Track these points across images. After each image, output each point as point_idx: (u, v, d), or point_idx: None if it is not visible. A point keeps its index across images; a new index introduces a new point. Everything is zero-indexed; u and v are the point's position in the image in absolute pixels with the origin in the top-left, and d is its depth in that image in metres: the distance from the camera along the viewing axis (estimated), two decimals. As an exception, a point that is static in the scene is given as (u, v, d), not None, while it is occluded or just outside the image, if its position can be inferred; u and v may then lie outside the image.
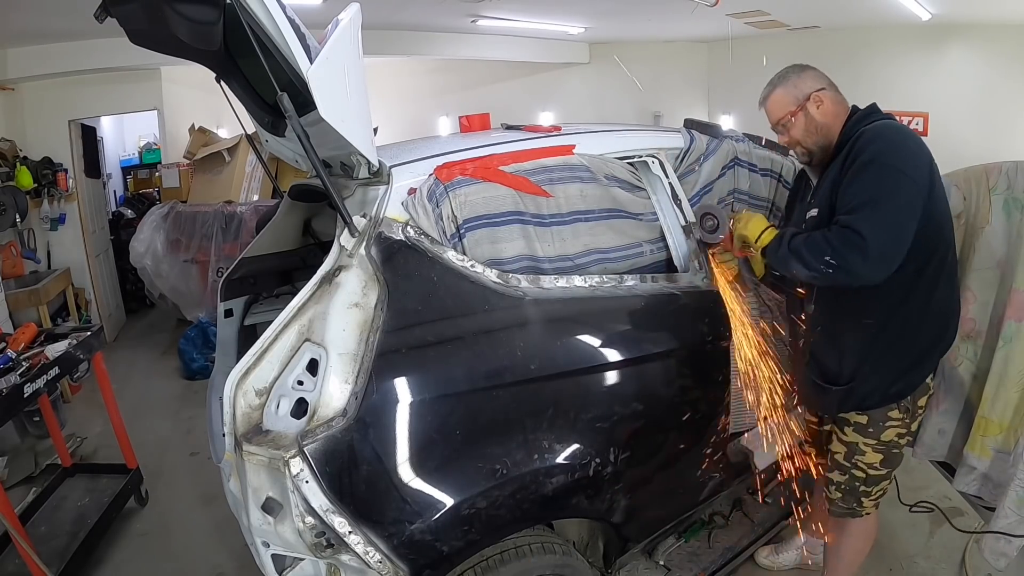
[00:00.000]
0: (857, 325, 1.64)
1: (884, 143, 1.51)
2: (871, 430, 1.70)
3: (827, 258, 1.47)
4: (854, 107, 1.70)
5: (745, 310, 1.90)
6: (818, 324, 1.73)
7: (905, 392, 1.67)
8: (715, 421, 1.92)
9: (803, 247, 1.52)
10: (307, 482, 1.27)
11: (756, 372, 1.88)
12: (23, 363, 2.29)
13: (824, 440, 1.89)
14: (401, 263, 1.45)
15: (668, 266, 1.92)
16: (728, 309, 1.87)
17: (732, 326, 1.87)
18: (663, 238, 1.92)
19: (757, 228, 1.69)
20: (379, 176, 1.57)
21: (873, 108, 1.66)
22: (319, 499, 1.28)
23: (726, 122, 6.34)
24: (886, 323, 1.61)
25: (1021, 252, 1.75)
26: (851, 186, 1.51)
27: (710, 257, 1.90)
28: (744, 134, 2.28)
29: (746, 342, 1.88)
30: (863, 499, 1.78)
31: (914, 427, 1.74)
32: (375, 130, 1.74)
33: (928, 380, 1.70)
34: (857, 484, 1.76)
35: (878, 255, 1.43)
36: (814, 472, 1.96)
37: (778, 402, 1.92)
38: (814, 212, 1.63)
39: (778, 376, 1.91)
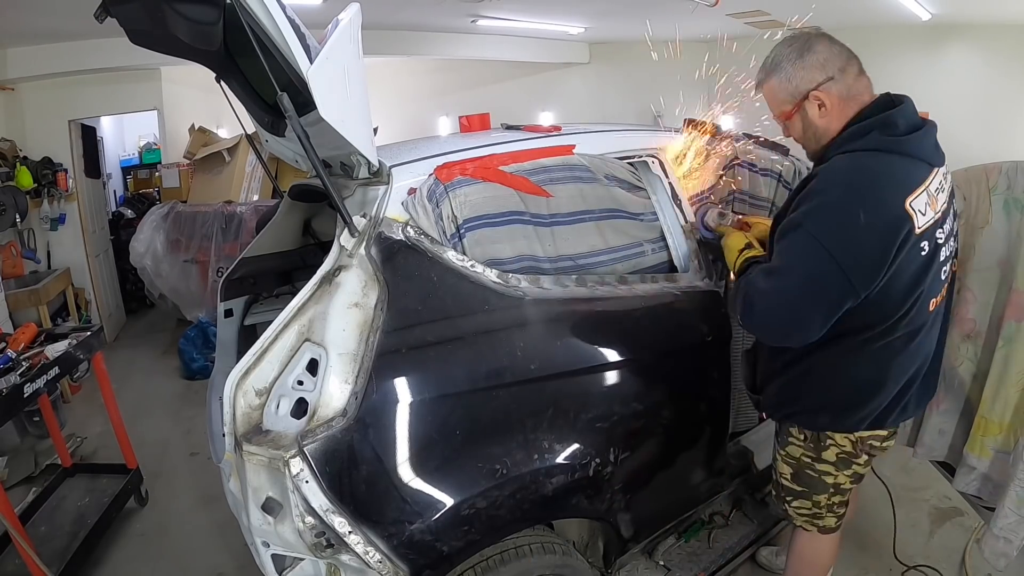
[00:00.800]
0: (773, 351, 1.58)
1: (827, 204, 1.28)
2: (779, 439, 1.67)
3: (736, 314, 1.45)
4: (879, 100, 1.39)
5: None
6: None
7: (800, 420, 1.57)
8: (715, 421, 1.92)
9: (735, 293, 1.47)
10: (307, 482, 1.27)
11: None
12: (23, 363, 2.29)
13: None
14: (401, 263, 1.45)
15: (668, 266, 1.92)
16: None
17: None
18: (663, 238, 1.92)
19: (736, 246, 1.59)
20: (379, 176, 1.57)
21: (876, 124, 1.33)
22: (319, 499, 1.28)
23: (726, 122, 6.33)
24: (795, 364, 1.51)
25: (1021, 252, 1.75)
26: (779, 240, 1.35)
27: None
28: (744, 134, 2.28)
29: None
30: (786, 506, 1.70)
31: (827, 456, 1.56)
32: (375, 130, 1.74)
33: (858, 433, 1.52)
34: (779, 489, 1.72)
35: (769, 334, 1.42)
36: None
37: None
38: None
39: None
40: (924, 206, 1.30)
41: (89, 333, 2.63)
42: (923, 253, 1.33)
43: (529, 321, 1.57)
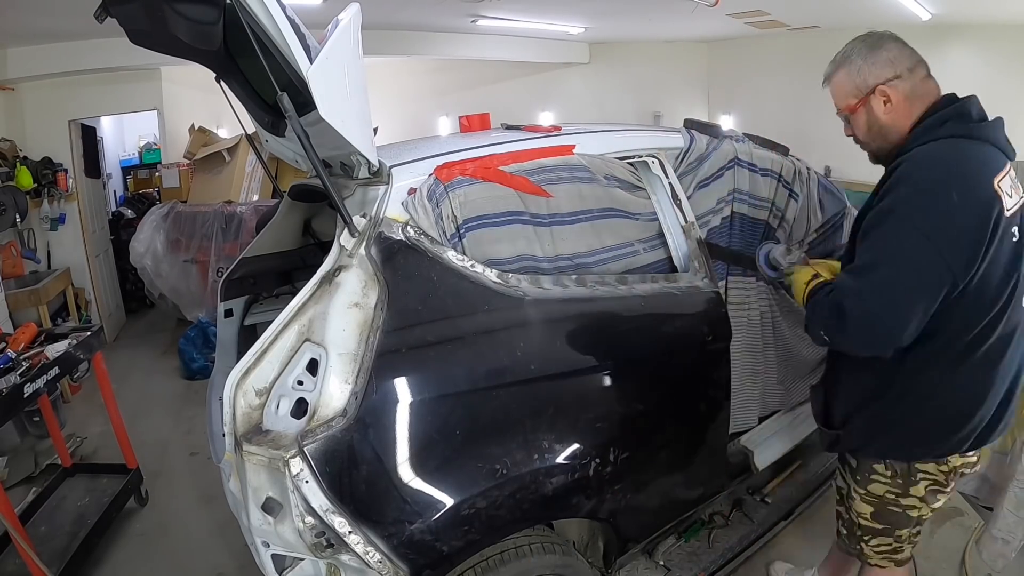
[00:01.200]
0: (856, 379, 1.47)
1: (913, 192, 1.23)
2: (858, 477, 1.53)
3: (821, 332, 1.35)
4: (946, 98, 1.37)
5: None
6: (826, 362, 1.64)
7: (893, 454, 1.46)
8: (715, 421, 1.92)
9: (812, 313, 1.39)
10: (307, 482, 1.27)
11: None
12: (23, 363, 2.29)
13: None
14: (401, 263, 1.45)
15: (668, 266, 1.92)
16: None
17: None
18: (663, 238, 1.92)
19: (803, 282, 1.49)
20: (379, 176, 1.57)
21: (951, 114, 1.32)
22: (319, 499, 1.28)
23: (726, 122, 6.35)
24: (886, 389, 1.40)
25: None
26: (865, 236, 1.30)
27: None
28: (744, 134, 2.28)
29: None
30: (862, 546, 1.59)
31: (916, 492, 1.46)
32: (375, 130, 1.74)
33: (951, 459, 1.43)
34: (853, 528, 1.61)
35: (866, 339, 1.27)
36: None
37: None
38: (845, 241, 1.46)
39: None
40: (1010, 188, 1.28)
41: (89, 333, 2.63)
42: (1015, 240, 1.29)
43: (529, 321, 1.57)
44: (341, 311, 1.38)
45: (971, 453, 1.45)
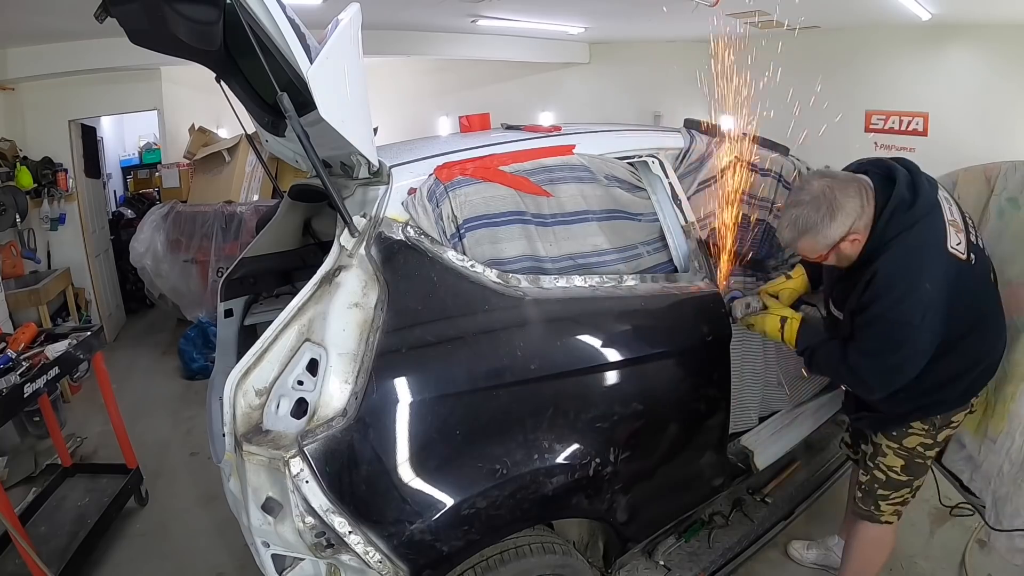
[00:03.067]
0: None
1: (896, 296, 1.49)
2: (894, 433, 1.75)
3: (843, 384, 1.76)
4: (877, 182, 1.56)
5: None
6: None
7: (930, 411, 1.70)
8: (715, 421, 1.92)
9: (825, 369, 1.73)
10: (307, 482, 1.27)
11: None
12: (23, 363, 2.29)
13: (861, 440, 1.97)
14: (401, 263, 1.45)
15: (669, 266, 1.92)
16: None
17: None
18: (663, 238, 1.92)
19: (774, 330, 1.77)
20: (379, 176, 1.57)
21: (894, 207, 1.51)
22: (319, 499, 1.28)
23: (726, 122, 6.33)
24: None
25: (1019, 252, 1.75)
26: (863, 329, 1.56)
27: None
28: (744, 134, 2.27)
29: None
30: (880, 503, 1.81)
31: (941, 438, 1.74)
32: (375, 130, 1.74)
33: (972, 400, 1.72)
34: (876, 486, 1.81)
35: (884, 390, 1.61)
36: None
37: None
38: (839, 314, 1.70)
39: None
40: (956, 235, 1.53)
41: (89, 333, 2.63)
42: (973, 263, 1.56)
43: (529, 321, 1.57)
44: (341, 311, 1.38)
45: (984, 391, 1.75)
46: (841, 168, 1.67)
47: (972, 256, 1.56)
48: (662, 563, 2.10)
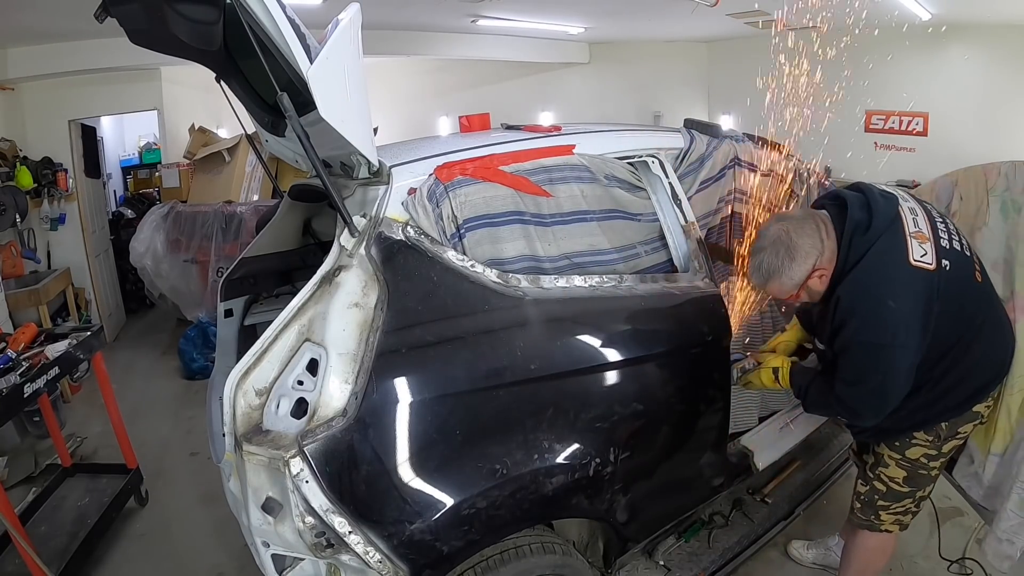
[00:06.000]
0: None
1: (861, 318, 1.50)
2: (897, 444, 1.73)
3: (839, 417, 1.75)
4: (831, 209, 1.60)
5: None
6: None
7: (932, 422, 1.67)
8: (715, 421, 1.92)
9: (820, 406, 1.76)
10: (307, 482, 1.27)
11: None
12: (23, 363, 2.29)
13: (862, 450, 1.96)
14: (401, 263, 1.45)
15: (668, 266, 1.92)
16: None
17: None
18: (663, 238, 1.92)
19: (769, 380, 1.81)
20: (379, 176, 1.57)
21: (851, 232, 1.53)
22: (319, 499, 1.28)
23: (726, 122, 6.34)
24: (917, 388, 1.60)
25: (1019, 253, 1.75)
26: (841, 357, 1.57)
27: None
28: (744, 134, 2.28)
29: None
30: (881, 513, 1.79)
31: (946, 449, 1.71)
32: (375, 130, 1.74)
33: (976, 408, 1.67)
34: (876, 497, 1.79)
35: (876, 416, 1.58)
36: None
37: None
38: (822, 347, 1.71)
39: None
40: (919, 247, 1.51)
41: (89, 333, 2.63)
42: (947, 270, 1.51)
43: (529, 321, 1.56)
44: (341, 311, 1.38)
45: (992, 397, 1.70)
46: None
47: (945, 263, 1.52)
48: (662, 563, 2.09)
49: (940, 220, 1.61)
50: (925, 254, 1.50)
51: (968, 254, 1.61)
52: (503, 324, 1.53)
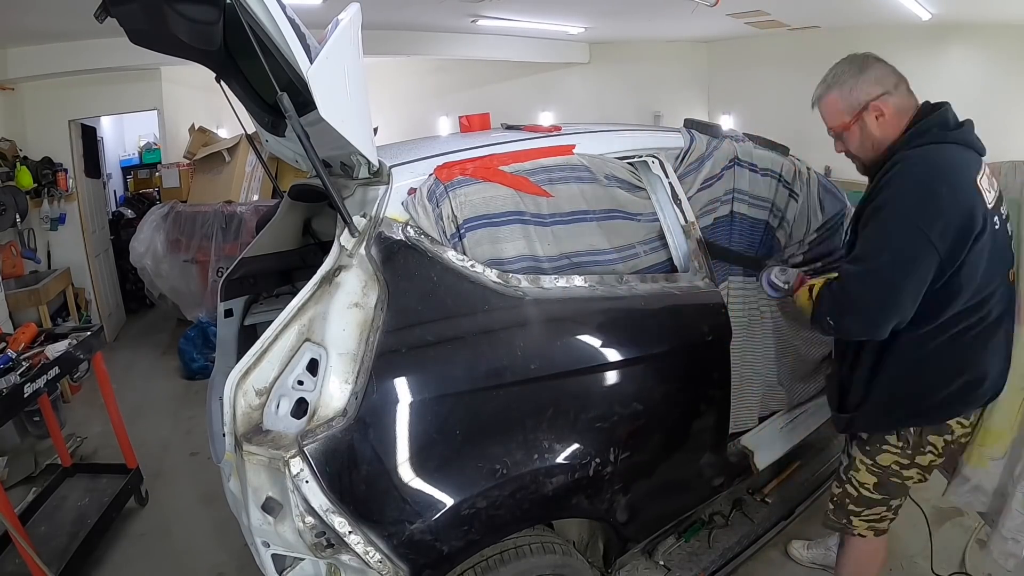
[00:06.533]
0: (868, 363, 1.59)
1: (906, 187, 1.38)
2: (868, 448, 1.68)
3: (828, 319, 1.51)
4: (924, 105, 1.51)
5: None
6: (836, 353, 1.76)
7: (902, 422, 1.60)
8: (715, 421, 1.92)
9: (820, 304, 1.54)
10: (307, 482, 1.27)
11: None
12: (23, 363, 2.29)
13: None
14: (401, 263, 1.45)
15: (668, 266, 1.92)
16: None
17: None
18: (661, 238, 1.92)
19: (805, 297, 1.63)
20: (379, 176, 1.57)
21: (934, 123, 1.46)
22: (319, 499, 1.28)
23: (726, 122, 6.34)
24: (890, 363, 1.54)
25: (1019, 254, 1.74)
26: (864, 229, 1.46)
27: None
28: (744, 134, 2.28)
29: None
30: (853, 518, 1.75)
31: (920, 460, 1.63)
32: (375, 130, 1.74)
33: (952, 422, 1.59)
34: (847, 501, 1.75)
35: (867, 319, 1.43)
36: None
37: None
38: (847, 237, 1.61)
39: None
40: (987, 185, 1.45)
41: (89, 333, 2.63)
42: (996, 228, 1.45)
43: (529, 321, 1.56)
44: (341, 311, 1.38)
45: (968, 420, 1.61)
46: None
47: (995, 221, 1.43)
48: (662, 563, 2.09)
49: (1002, 204, 1.54)
50: (989, 194, 1.43)
51: (1012, 251, 1.56)
52: (503, 324, 1.53)
